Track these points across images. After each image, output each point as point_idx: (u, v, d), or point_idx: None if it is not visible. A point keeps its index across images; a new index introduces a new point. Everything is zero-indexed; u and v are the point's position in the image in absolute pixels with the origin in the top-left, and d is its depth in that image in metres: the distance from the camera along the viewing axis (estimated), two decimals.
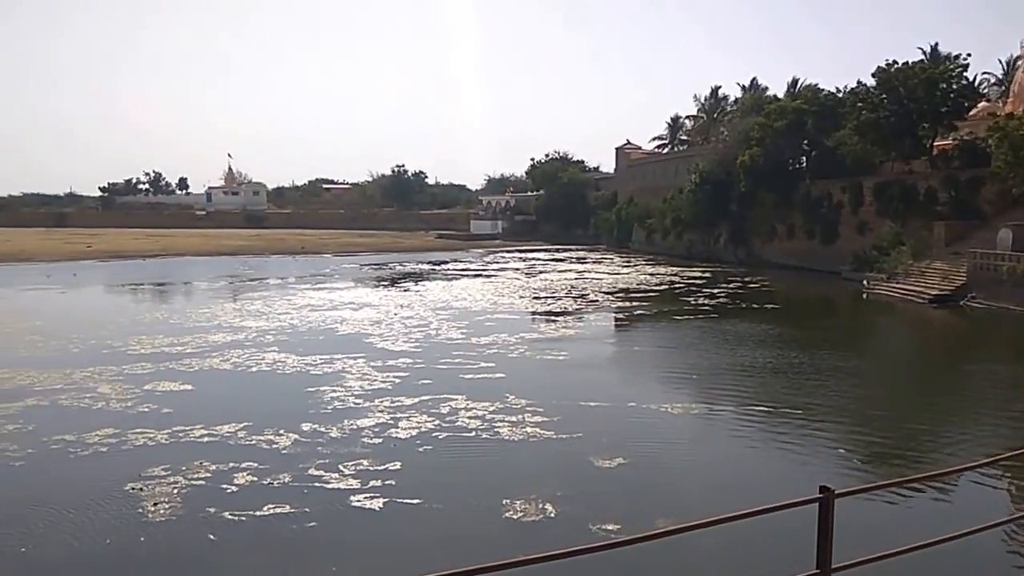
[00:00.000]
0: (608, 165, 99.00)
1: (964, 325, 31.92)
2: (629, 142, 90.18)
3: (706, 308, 34.55)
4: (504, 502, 11.44)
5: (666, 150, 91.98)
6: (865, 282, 41.19)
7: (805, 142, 55.67)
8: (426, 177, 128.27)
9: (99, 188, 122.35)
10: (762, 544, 9.65)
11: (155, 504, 11.40)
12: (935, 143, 48.10)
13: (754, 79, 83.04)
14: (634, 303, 36.38)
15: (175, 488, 12.04)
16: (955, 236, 39.89)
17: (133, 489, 11.95)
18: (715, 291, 40.94)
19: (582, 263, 61.09)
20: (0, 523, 10.79)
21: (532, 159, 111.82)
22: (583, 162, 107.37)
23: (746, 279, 46.78)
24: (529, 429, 15.27)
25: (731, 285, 43.77)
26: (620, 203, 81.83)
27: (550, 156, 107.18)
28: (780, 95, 67.37)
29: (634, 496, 12.18)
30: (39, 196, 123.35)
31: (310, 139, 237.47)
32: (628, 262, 61.28)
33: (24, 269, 51.75)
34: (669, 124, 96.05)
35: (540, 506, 11.35)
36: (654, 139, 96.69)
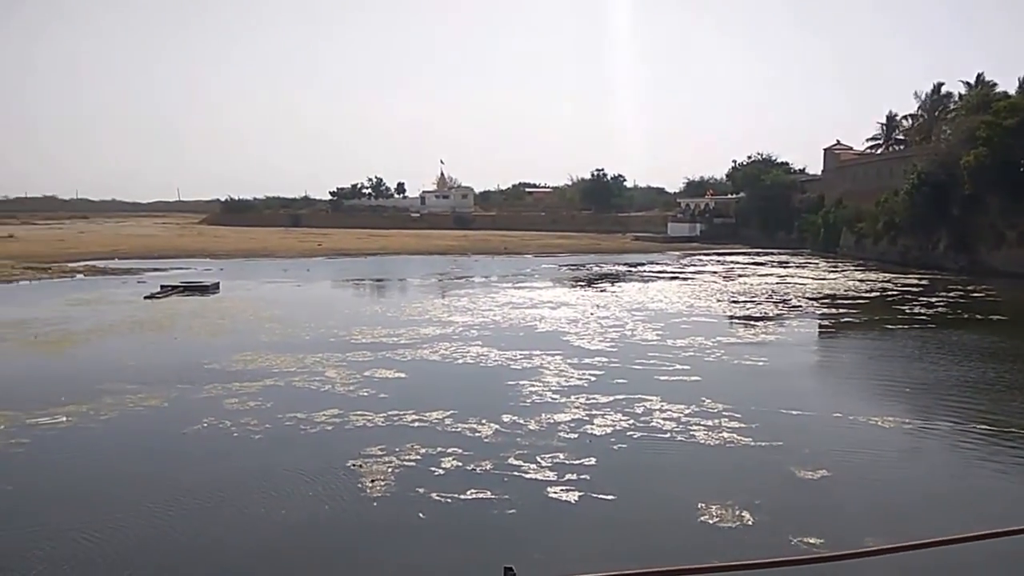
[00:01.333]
0: (814, 167, 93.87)
1: None
2: (839, 142, 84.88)
3: (922, 318, 31.94)
4: (699, 505, 11.46)
5: (880, 150, 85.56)
6: None
7: None
8: (624, 180, 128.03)
9: (329, 192, 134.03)
10: (985, 570, 9.03)
11: (372, 481, 12.55)
12: None
13: (980, 75, 74.55)
14: (841, 310, 34.36)
15: (389, 467, 13.16)
16: None
17: (354, 466, 13.21)
18: (932, 300, 37.68)
19: (784, 267, 58.41)
20: (240, 489, 12.36)
21: (734, 161, 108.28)
22: (787, 164, 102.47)
23: (968, 288, 42.59)
24: (725, 434, 15.08)
25: (951, 294, 40.07)
26: (827, 206, 77.17)
27: (752, 158, 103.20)
28: (1011, 92, 60.69)
29: (839, 510, 11.73)
30: (279, 199, 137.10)
31: (514, 145, 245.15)
32: (835, 267, 57.77)
33: (266, 263, 57.80)
34: (883, 123, 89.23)
35: (736, 513, 11.25)
36: (869, 140, 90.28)
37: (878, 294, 40.90)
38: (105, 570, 9.58)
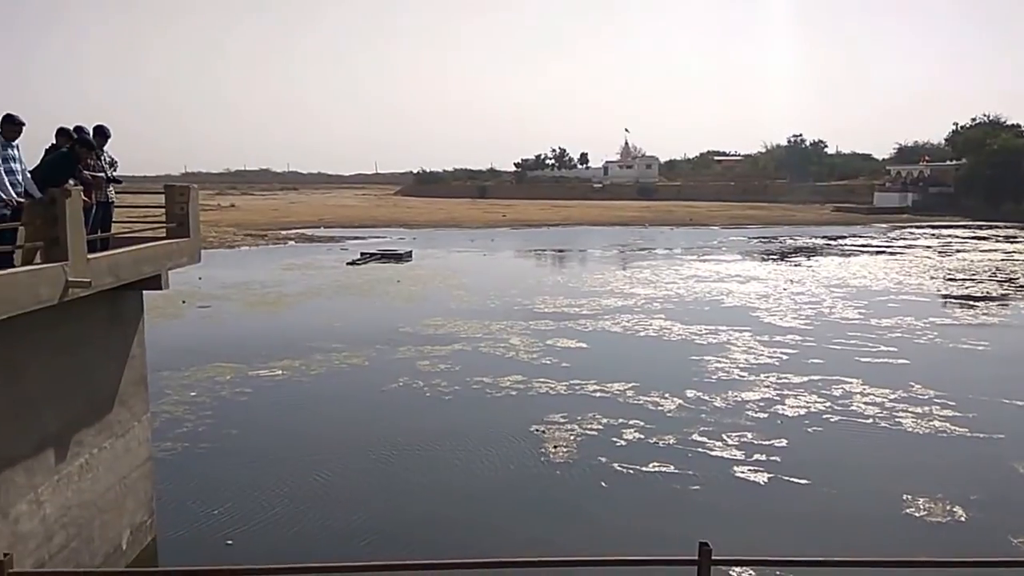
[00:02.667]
0: None
1: None
2: None
3: None
4: (904, 497, 10.61)
5: None
6: None
7: None
8: (825, 146, 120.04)
9: (514, 164, 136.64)
10: None
11: (555, 447, 12.69)
12: None
13: None
14: None
15: (571, 435, 13.24)
16: None
17: (536, 431, 13.42)
18: None
19: (1012, 243, 52.43)
20: (429, 446, 12.91)
21: (955, 124, 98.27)
22: (1019, 126, 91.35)
23: None
24: (937, 423, 13.83)
25: None
26: None
27: (977, 120, 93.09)
28: None
29: None
30: (466, 171, 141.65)
31: (701, 112, 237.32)
32: None
33: (454, 233, 60.01)
34: None
35: (947, 507, 10.32)
36: None
37: None
38: (301, 512, 10.39)
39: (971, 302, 28.03)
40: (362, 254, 41.37)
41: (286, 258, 41.29)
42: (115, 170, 9.20)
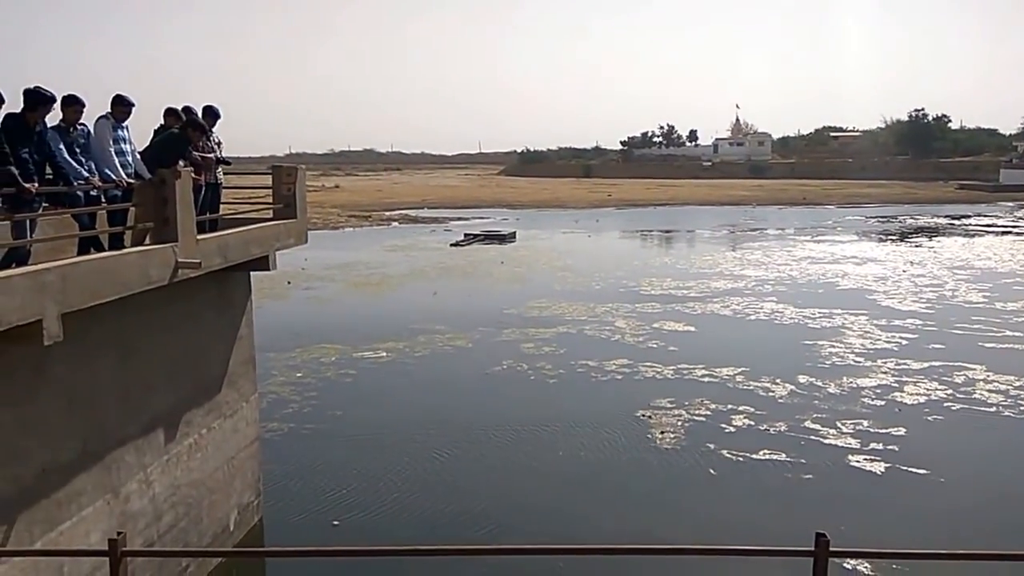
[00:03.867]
0: None
1: None
2: None
3: None
4: None
5: None
6: None
7: None
8: (949, 121, 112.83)
9: (620, 142, 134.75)
10: None
11: (662, 432, 12.61)
12: None
13: None
14: None
15: (679, 420, 13.12)
16: None
17: (643, 416, 13.36)
18: None
19: None
20: (535, 429, 13.05)
21: None
22: None
23: None
24: None
25: None
26: None
27: None
28: None
29: None
30: (571, 150, 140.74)
31: (818, 87, 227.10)
32: None
33: (558, 214, 59.94)
34: None
35: None
36: None
37: None
38: (404, 493, 10.70)
39: None
40: (465, 235, 41.92)
41: (389, 239, 42.27)
42: (222, 151, 9.10)
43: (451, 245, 38.97)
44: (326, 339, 18.71)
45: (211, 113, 8.85)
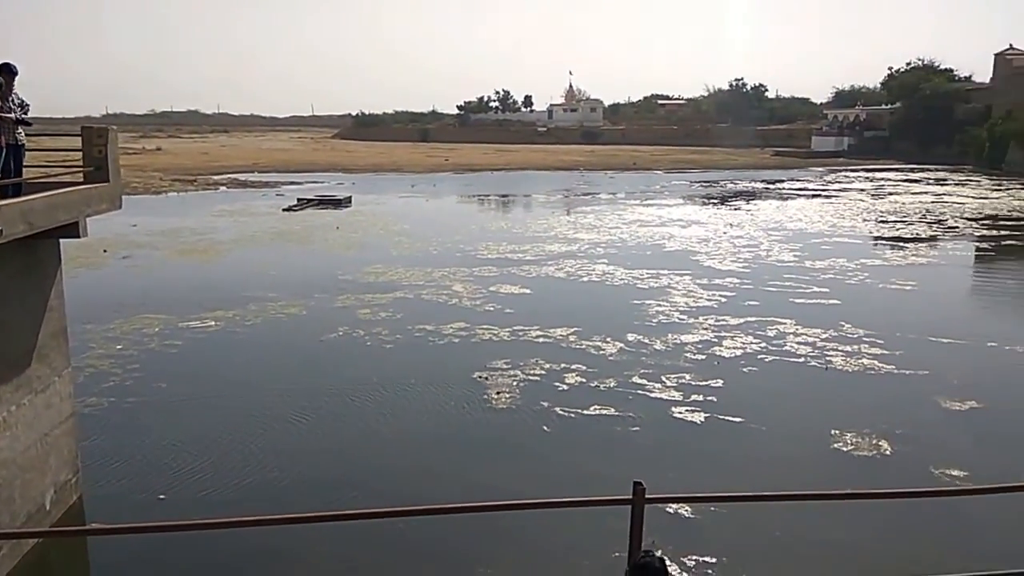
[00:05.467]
0: (982, 75, 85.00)
1: None
2: (1012, 47, 76.08)
3: None
4: (832, 432, 10.97)
5: None
6: None
7: None
8: (766, 90, 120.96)
9: (456, 107, 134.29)
10: None
11: (498, 393, 12.73)
12: None
13: None
14: (1003, 232, 31.55)
15: (515, 381, 13.30)
16: None
17: (480, 378, 13.43)
18: None
19: (941, 185, 54.02)
20: (372, 395, 12.84)
21: (890, 68, 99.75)
22: (951, 71, 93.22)
23: None
24: (866, 361, 14.29)
25: None
26: (995, 118, 70.12)
27: (911, 65, 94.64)
28: None
29: (987, 444, 10.95)
30: (407, 114, 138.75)
31: (647, 55, 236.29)
32: (999, 185, 52.87)
33: (394, 178, 59.05)
34: None
35: (874, 442, 10.71)
36: None
37: None
38: (238, 464, 10.23)
39: (901, 244, 28.88)
40: (299, 200, 40.44)
41: (218, 204, 40.09)
42: (26, 112, 8.56)
43: (284, 210, 37.46)
44: (149, 309, 17.53)
45: (7, 70, 8.29)
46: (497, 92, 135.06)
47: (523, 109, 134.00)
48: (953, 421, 11.64)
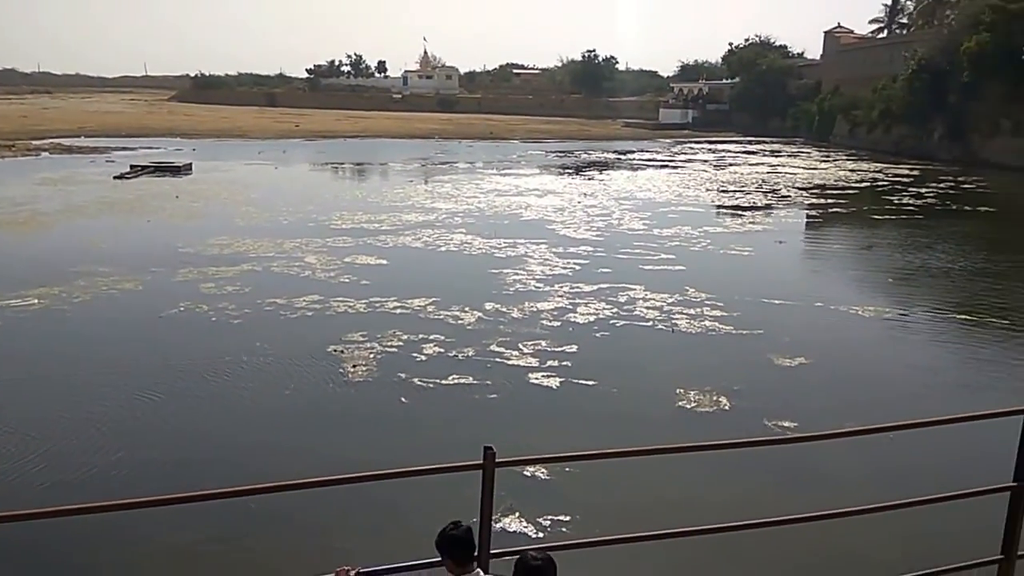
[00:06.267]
0: (813, 51, 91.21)
1: None
2: (840, 25, 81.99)
3: (910, 209, 31.85)
4: (678, 391, 11.51)
5: (882, 34, 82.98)
6: None
7: None
8: (616, 63, 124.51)
9: (306, 70, 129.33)
10: (954, 451, 9.16)
11: (354, 366, 12.47)
12: None
13: None
14: (830, 200, 34.15)
15: (371, 353, 13.07)
16: None
17: (335, 351, 13.10)
18: (922, 191, 37.52)
19: (776, 156, 57.74)
20: (219, 373, 12.24)
21: (730, 44, 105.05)
22: (785, 47, 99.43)
23: (959, 179, 42.38)
24: (707, 323, 15.07)
25: (941, 185, 39.88)
26: (824, 93, 75.56)
27: (749, 41, 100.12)
28: None
29: (815, 396, 11.83)
30: (252, 76, 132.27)
31: (502, 23, 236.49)
32: (827, 157, 57.17)
33: (240, 144, 56.34)
34: (887, 4, 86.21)
35: (714, 398, 11.32)
36: (872, 22, 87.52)
37: (868, 184, 40.64)
38: (78, 453, 9.51)
39: (740, 212, 30.64)
40: (132, 167, 37.81)
41: (40, 172, 36.83)
42: None
43: (115, 178, 34.95)
44: None
45: None
46: (349, 56, 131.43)
47: (377, 75, 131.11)
48: (784, 376, 12.50)
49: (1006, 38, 48.58)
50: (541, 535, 7.76)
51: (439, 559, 3.67)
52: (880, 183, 41.16)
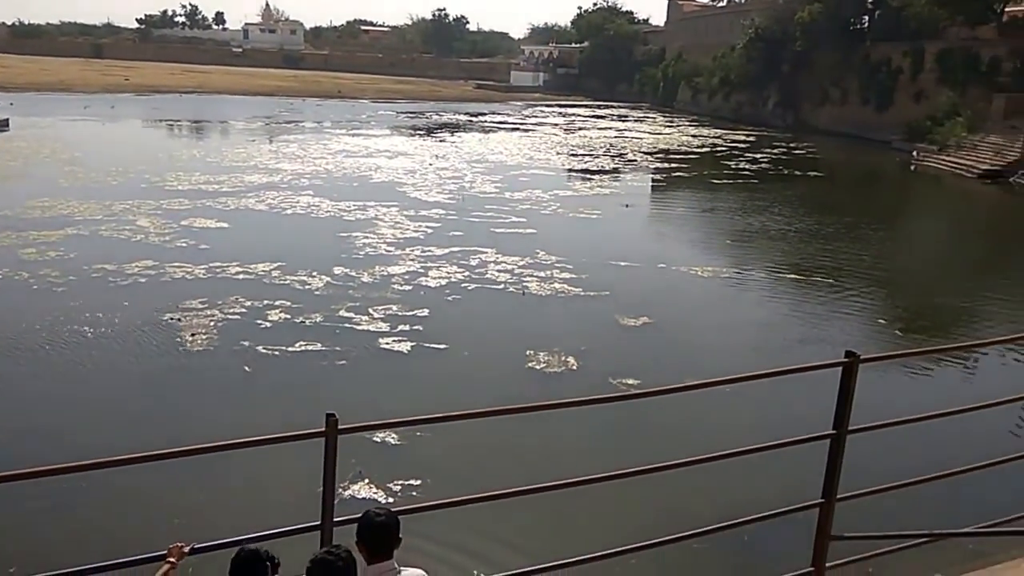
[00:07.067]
0: (659, 18, 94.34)
1: (1011, 202, 30.95)
2: None
3: (746, 173, 33.79)
4: (527, 352, 11.70)
5: (723, 3, 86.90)
6: (915, 153, 39.77)
7: (870, 0, 52.13)
8: (467, 23, 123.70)
9: (136, 20, 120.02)
10: (783, 402, 9.81)
11: (192, 335, 11.82)
12: (1007, 8, 44.80)
13: None
14: (673, 165, 35.65)
15: (211, 321, 12.44)
16: (1015, 109, 37.82)
17: (171, 319, 12.37)
18: (758, 156, 39.89)
19: (623, 121, 59.51)
20: (42, 344, 11.28)
21: (579, 8, 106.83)
22: (632, 14, 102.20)
23: (791, 145, 45.40)
24: (557, 285, 15.39)
25: (775, 151, 42.56)
26: (668, 59, 78.42)
27: (597, 5, 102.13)
28: None
29: (657, 354, 12.38)
30: (77, 25, 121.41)
31: None
32: (671, 122, 59.57)
33: (63, 99, 51.71)
34: None
35: (562, 359, 11.60)
36: None
37: (708, 150, 42.68)
38: None
39: (589, 175, 31.40)
40: None
41: None
42: None
43: None
44: None
45: None
46: (184, 6, 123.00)
47: (215, 27, 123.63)
48: (629, 336, 12.99)
49: (836, 9, 52.01)
50: (391, 500, 7.71)
51: (276, 531, 3.52)
52: (719, 148, 43.36)
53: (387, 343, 11.95)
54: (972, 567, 5.57)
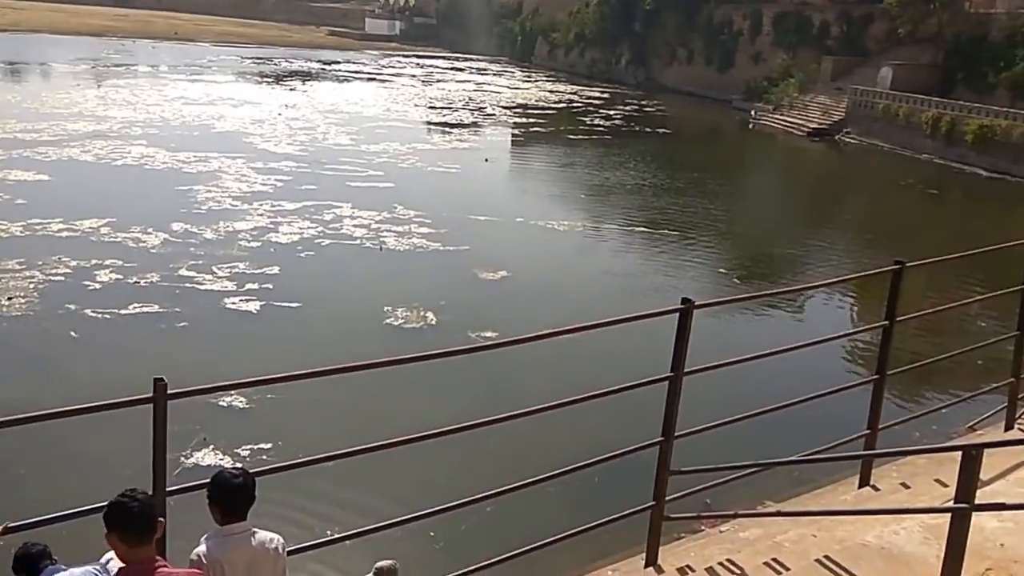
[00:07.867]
0: None
1: (836, 158, 33.26)
2: None
3: (600, 129, 34.38)
4: (386, 309, 11.38)
5: None
6: (752, 112, 41.84)
7: None
8: None
9: None
10: (628, 347, 10.03)
11: (9, 299, 10.71)
12: None
13: None
14: (531, 120, 35.74)
15: (31, 283, 11.30)
16: (841, 71, 40.49)
17: None
18: (611, 113, 40.68)
19: (482, 75, 59.00)
20: None
21: None
22: None
23: (642, 103, 46.60)
24: (416, 240, 15.06)
25: (627, 108, 43.55)
26: (525, 13, 78.21)
27: None
28: None
29: (515, 307, 12.38)
30: None
31: None
32: (528, 77, 59.63)
33: None
34: None
35: (421, 314, 11.37)
36: None
37: (564, 105, 43.06)
38: None
39: (448, 129, 30.95)
40: None
41: None
42: None
43: None
44: None
45: None
46: None
47: None
48: (488, 289, 12.93)
49: None
50: (239, 465, 7.28)
51: (96, 506, 3.13)
52: (575, 104, 43.87)
53: (234, 302, 11.27)
54: (797, 492, 6.00)
